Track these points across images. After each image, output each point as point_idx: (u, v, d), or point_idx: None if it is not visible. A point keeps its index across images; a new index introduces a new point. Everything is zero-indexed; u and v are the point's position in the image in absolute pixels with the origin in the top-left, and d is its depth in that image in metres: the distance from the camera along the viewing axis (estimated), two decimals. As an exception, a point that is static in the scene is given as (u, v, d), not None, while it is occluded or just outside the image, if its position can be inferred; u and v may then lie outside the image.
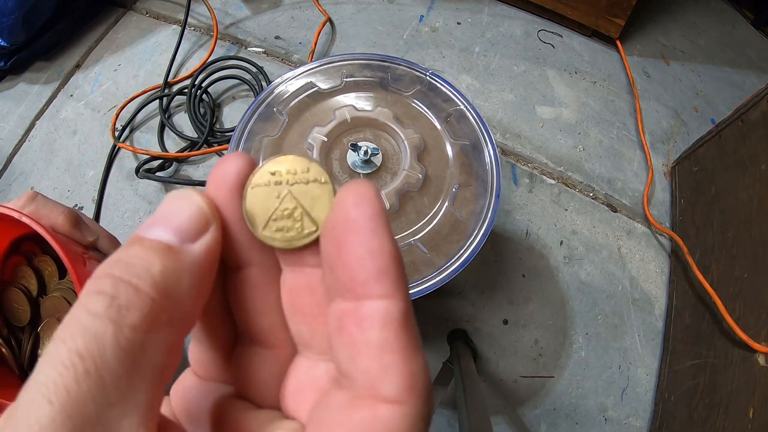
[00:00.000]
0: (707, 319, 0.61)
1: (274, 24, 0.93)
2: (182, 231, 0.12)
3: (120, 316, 0.10)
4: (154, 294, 0.10)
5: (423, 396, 0.11)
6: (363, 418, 0.11)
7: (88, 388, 0.09)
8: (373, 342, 0.11)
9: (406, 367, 0.11)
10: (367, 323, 0.11)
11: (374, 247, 0.11)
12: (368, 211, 0.11)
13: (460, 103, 0.51)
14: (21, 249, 0.42)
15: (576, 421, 0.66)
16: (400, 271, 0.12)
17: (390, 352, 0.11)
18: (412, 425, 0.11)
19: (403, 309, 0.12)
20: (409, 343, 0.11)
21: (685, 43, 1.00)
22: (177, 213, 0.12)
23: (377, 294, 0.11)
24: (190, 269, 0.11)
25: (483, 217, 0.45)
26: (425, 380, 0.12)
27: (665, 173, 0.84)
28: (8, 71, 0.84)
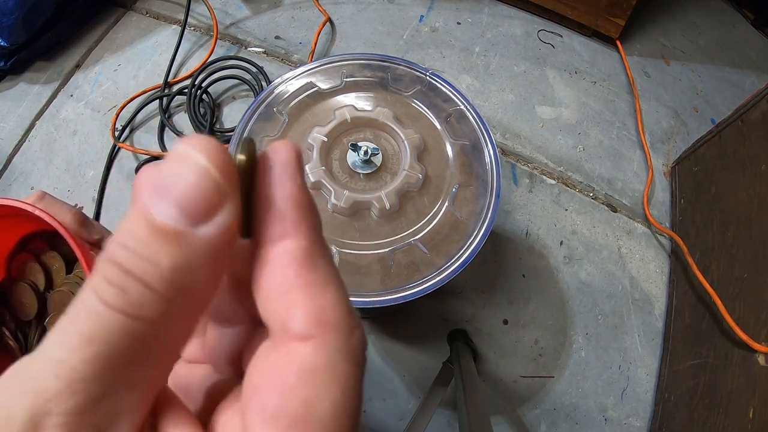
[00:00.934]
0: (707, 319, 0.61)
1: (274, 24, 0.93)
2: (192, 210, 0.10)
3: (131, 310, 0.09)
4: (164, 291, 0.10)
5: (338, 329, 0.11)
6: (279, 360, 0.11)
7: (95, 370, 0.09)
8: (277, 283, 0.11)
9: (311, 302, 0.11)
10: (270, 265, 0.11)
11: (273, 193, 0.12)
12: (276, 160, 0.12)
13: (460, 103, 0.51)
14: (29, 246, 0.43)
15: (576, 421, 0.66)
16: (303, 211, 0.12)
17: (294, 290, 0.11)
18: (329, 360, 0.11)
19: (304, 246, 0.12)
20: (315, 279, 0.11)
21: (685, 43, 1.00)
22: (185, 183, 0.10)
23: (277, 236, 0.12)
24: (204, 259, 0.10)
25: (483, 217, 0.45)
26: (338, 313, 0.11)
27: (665, 173, 0.84)
28: (8, 71, 0.84)
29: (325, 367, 0.11)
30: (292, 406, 0.10)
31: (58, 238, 0.33)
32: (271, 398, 0.11)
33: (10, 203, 0.33)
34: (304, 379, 0.11)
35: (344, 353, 0.11)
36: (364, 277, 0.43)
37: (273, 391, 0.11)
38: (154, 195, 0.10)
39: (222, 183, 0.10)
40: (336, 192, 0.44)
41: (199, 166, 0.10)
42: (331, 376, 0.11)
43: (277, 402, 0.10)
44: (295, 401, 0.10)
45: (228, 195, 0.10)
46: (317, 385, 0.11)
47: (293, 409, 0.10)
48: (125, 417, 0.10)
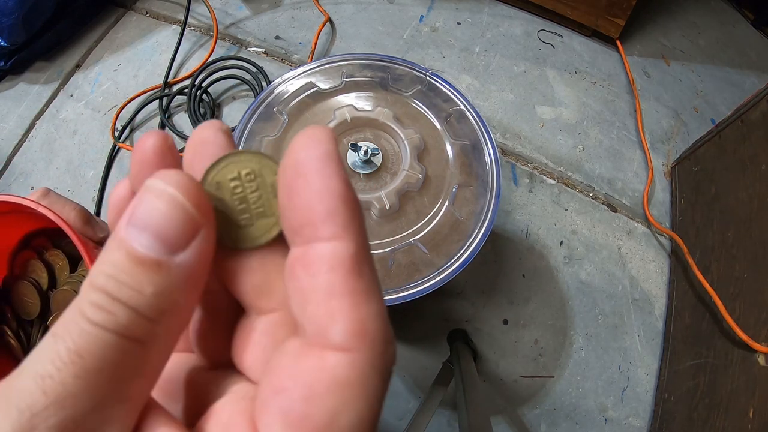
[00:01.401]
0: (707, 319, 0.61)
1: (274, 24, 0.93)
2: (169, 240, 0.11)
3: (121, 330, 0.10)
4: (150, 314, 0.10)
5: (375, 344, 0.11)
6: (311, 366, 0.11)
7: (84, 386, 0.10)
8: (320, 286, 0.11)
9: (355, 312, 0.11)
10: (314, 267, 0.11)
11: (321, 188, 0.11)
12: (316, 152, 0.11)
13: (460, 103, 0.51)
14: (32, 244, 0.43)
15: (576, 421, 0.66)
16: (352, 212, 0.11)
17: (338, 296, 0.11)
18: (361, 374, 0.11)
19: (354, 251, 0.11)
20: (360, 287, 0.11)
21: (685, 43, 1.00)
22: (159, 217, 0.11)
23: (325, 236, 0.11)
24: (184, 282, 0.11)
25: (483, 217, 0.45)
26: (378, 328, 0.11)
27: (665, 173, 0.84)
28: (8, 71, 0.84)
29: (358, 382, 0.11)
30: (318, 414, 0.10)
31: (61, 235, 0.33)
32: (297, 403, 0.10)
33: (13, 200, 0.33)
34: (334, 390, 0.10)
35: (377, 368, 0.11)
36: (364, 277, 0.43)
37: (300, 396, 0.10)
38: (131, 227, 0.11)
39: (194, 213, 0.11)
40: (336, 192, 0.44)
41: (172, 198, 0.11)
42: (362, 390, 0.11)
43: (303, 408, 0.10)
44: (322, 410, 0.10)
45: (201, 223, 0.11)
46: (346, 398, 0.10)
47: (318, 417, 0.10)
48: (112, 430, 0.10)
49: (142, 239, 0.10)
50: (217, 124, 0.13)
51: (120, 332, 0.10)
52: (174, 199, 0.11)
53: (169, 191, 0.11)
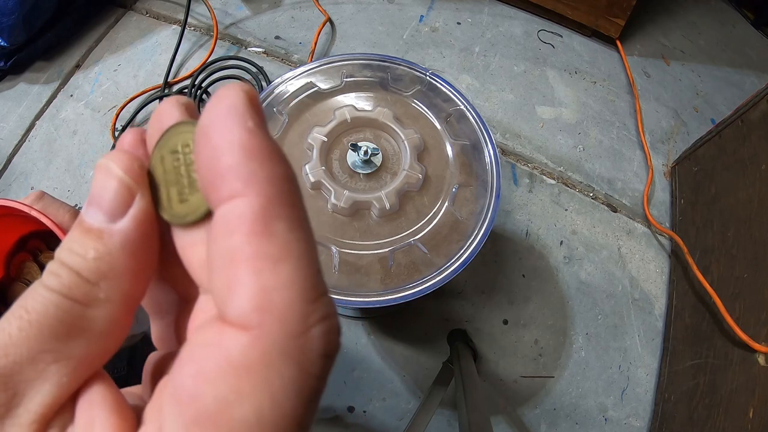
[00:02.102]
0: (707, 319, 0.61)
1: (274, 24, 0.93)
2: (109, 210, 0.11)
3: (63, 290, 0.11)
4: (90, 277, 0.11)
5: (285, 321, 0.09)
6: (207, 342, 0.09)
7: (25, 337, 0.11)
8: (222, 252, 0.09)
9: (256, 281, 0.09)
10: (217, 230, 0.10)
11: (220, 143, 0.10)
12: (218, 109, 0.10)
13: (460, 103, 0.51)
14: (27, 246, 0.43)
15: (576, 421, 0.66)
16: (258, 163, 0.10)
17: (238, 262, 0.09)
18: (263, 359, 0.09)
19: (258, 207, 0.09)
20: (268, 251, 0.09)
21: (685, 43, 1.00)
22: (102, 190, 0.12)
23: (225, 195, 0.10)
24: (121, 248, 0.11)
25: (483, 217, 0.45)
26: (290, 300, 0.09)
27: (665, 173, 0.84)
28: (8, 71, 0.84)
29: (256, 367, 0.09)
30: (205, 399, 0.09)
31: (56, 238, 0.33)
32: (185, 382, 0.09)
33: (6, 203, 0.33)
34: (227, 374, 0.09)
35: (288, 354, 0.09)
36: (364, 277, 0.43)
37: (189, 375, 0.09)
38: (87, 204, 0.12)
39: (128, 182, 0.12)
40: (336, 192, 0.44)
41: (110, 172, 0.12)
42: (261, 379, 0.09)
43: (191, 389, 0.09)
44: (210, 396, 0.09)
45: (134, 191, 0.12)
46: (241, 386, 0.09)
47: (207, 402, 0.09)
48: (47, 388, 0.11)
49: (90, 212, 0.12)
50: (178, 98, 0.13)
51: (62, 293, 0.11)
52: (110, 170, 0.12)
53: (105, 164, 0.12)
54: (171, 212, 0.12)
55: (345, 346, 0.67)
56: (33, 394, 0.11)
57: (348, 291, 0.42)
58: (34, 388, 0.11)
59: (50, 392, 0.11)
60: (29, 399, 0.11)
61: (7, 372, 0.10)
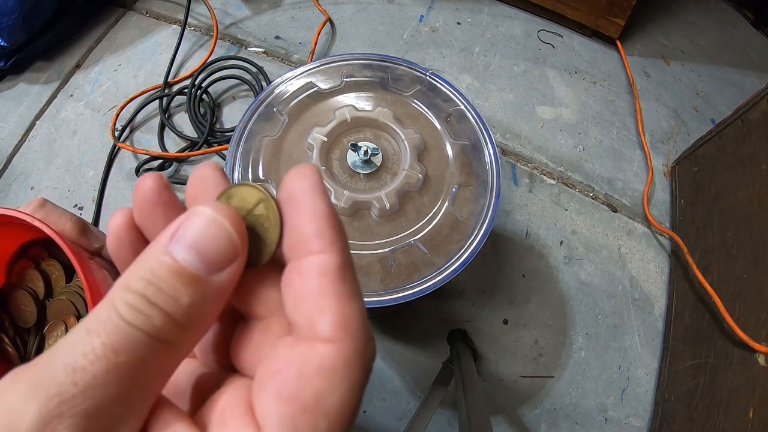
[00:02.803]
0: (707, 319, 0.61)
1: (274, 24, 0.93)
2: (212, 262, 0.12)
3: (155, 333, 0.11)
4: (183, 322, 0.12)
5: (357, 337, 0.13)
6: (302, 352, 0.12)
7: (114, 380, 0.11)
8: (311, 288, 0.13)
9: (340, 309, 0.13)
10: (307, 273, 0.13)
11: (311, 213, 0.13)
12: (305, 184, 0.14)
13: (460, 103, 0.51)
14: (29, 253, 0.43)
15: (576, 421, 0.66)
16: (337, 231, 0.13)
17: (326, 296, 0.13)
18: (345, 362, 0.12)
19: (339, 261, 0.13)
20: (345, 290, 0.13)
21: (685, 43, 1.00)
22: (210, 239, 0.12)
23: (315, 250, 0.13)
24: (215, 299, 0.13)
25: (483, 217, 0.45)
26: (360, 324, 0.13)
27: (665, 173, 0.84)
28: (8, 71, 0.84)
29: (341, 368, 0.12)
30: (306, 393, 0.12)
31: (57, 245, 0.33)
32: (289, 383, 0.12)
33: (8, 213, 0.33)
34: (321, 374, 0.12)
35: (358, 359, 0.13)
36: (364, 277, 0.43)
37: (292, 377, 0.12)
38: (176, 243, 0.12)
39: (237, 241, 0.13)
40: (336, 192, 0.44)
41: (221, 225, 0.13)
42: (344, 376, 0.12)
43: (294, 387, 0.12)
44: (310, 390, 0.12)
45: (240, 251, 0.13)
46: (331, 382, 0.12)
47: (306, 396, 0.12)
48: (131, 421, 0.12)
49: (185, 254, 0.12)
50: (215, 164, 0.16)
51: (153, 334, 0.11)
52: (222, 226, 0.13)
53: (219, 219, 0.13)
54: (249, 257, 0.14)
55: (345, 346, 0.67)
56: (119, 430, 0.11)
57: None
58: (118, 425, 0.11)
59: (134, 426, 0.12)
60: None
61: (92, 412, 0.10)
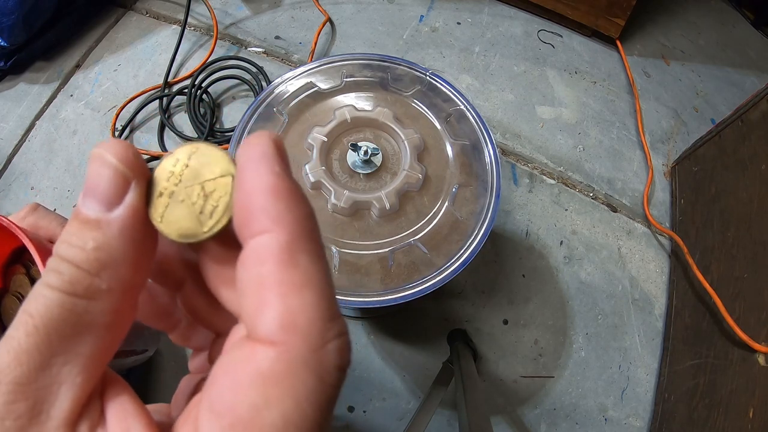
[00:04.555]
0: (707, 319, 0.61)
1: (274, 24, 0.93)
2: (105, 199, 0.12)
3: (65, 287, 0.11)
4: (89, 268, 0.11)
5: (308, 338, 0.10)
6: (240, 358, 0.11)
7: (34, 343, 0.11)
8: (252, 278, 0.11)
9: (282, 303, 0.11)
10: (248, 260, 0.11)
11: (253, 187, 0.11)
12: (252, 153, 0.12)
13: (460, 103, 0.51)
14: (22, 259, 0.43)
15: (576, 421, 0.66)
16: (286, 204, 0.11)
17: (267, 287, 0.11)
18: (288, 371, 0.10)
19: (285, 241, 0.11)
20: (293, 279, 0.11)
21: (685, 43, 1.00)
22: (97, 179, 0.12)
23: (257, 230, 0.11)
24: (119, 235, 0.12)
25: (483, 217, 0.45)
26: (312, 320, 0.11)
27: (665, 173, 0.84)
28: (8, 71, 0.84)
29: (282, 377, 0.10)
30: (240, 407, 0.10)
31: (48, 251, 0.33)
32: (223, 394, 0.11)
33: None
34: (258, 384, 0.10)
35: (309, 366, 0.10)
36: (364, 277, 0.43)
37: (227, 387, 0.11)
38: (82, 196, 0.12)
39: (122, 169, 0.12)
40: (336, 192, 0.44)
41: (104, 160, 0.12)
42: (287, 387, 0.10)
43: (227, 400, 0.10)
44: (244, 404, 0.10)
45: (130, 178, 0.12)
46: (269, 394, 0.10)
47: (242, 410, 0.10)
48: (64, 390, 0.11)
49: (87, 203, 0.12)
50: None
51: (63, 289, 0.11)
52: (104, 159, 0.12)
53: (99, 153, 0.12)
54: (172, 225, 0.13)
55: (345, 346, 0.67)
56: (52, 399, 0.11)
57: (348, 291, 0.42)
58: (52, 393, 0.11)
59: (69, 396, 0.11)
60: (50, 405, 0.11)
61: (24, 381, 0.10)
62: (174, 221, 0.13)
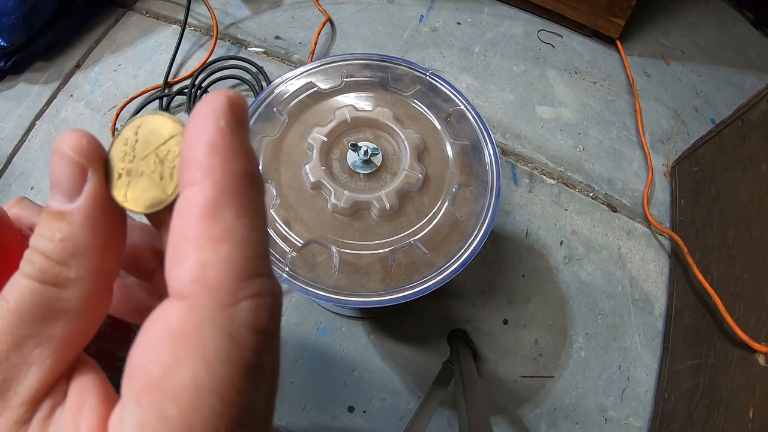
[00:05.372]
0: (707, 319, 0.61)
1: (274, 24, 0.93)
2: (66, 190, 0.12)
3: (36, 275, 0.12)
4: (58, 258, 0.12)
5: (217, 294, 0.10)
6: (154, 315, 0.11)
7: (7, 325, 0.11)
8: (174, 231, 0.11)
9: (196, 256, 0.10)
10: (175, 214, 0.11)
11: (192, 140, 0.11)
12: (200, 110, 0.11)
13: (460, 103, 0.51)
14: None
15: (576, 421, 0.66)
16: (219, 159, 0.11)
17: (185, 240, 0.10)
18: (196, 327, 0.10)
19: (210, 195, 0.11)
20: (212, 232, 0.10)
21: (685, 43, 1.00)
22: (58, 172, 0.12)
23: (188, 183, 0.11)
24: (82, 224, 0.12)
25: (483, 217, 0.45)
26: (223, 276, 0.10)
27: (665, 173, 0.84)
28: (8, 71, 0.84)
29: (191, 334, 0.10)
30: (151, 367, 0.10)
31: None
32: (135, 355, 0.10)
33: None
34: (166, 341, 0.10)
35: (217, 323, 0.10)
36: (364, 277, 0.43)
37: (139, 348, 0.10)
38: (51, 189, 0.12)
39: (80, 161, 0.12)
40: (336, 192, 0.44)
41: (61, 153, 0.12)
42: (196, 345, 0.10)
43: (140, 360, 0.10)
44: (154, 363, 0.10)
45: (87, 169, 0.12)
46: (178, 352, 0.10)
47: (152, 370, 0.10)
48: (33, 371, 0.12)
49: (54, 195, 0.12)
50: None
51: (35, 277, 0.12)
52: (61, 152, 0.12)
53: (57, 146, 0.12)
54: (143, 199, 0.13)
55: (345, 346, 0.67)
56: (21, 378, 0.11)
57: (348, 291, 0.42)
58: (21, 372, 0.11)
59: (37, 375, 0.12)
60: (18, 382, 0.11)
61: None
62: (138, 196, 0.13)
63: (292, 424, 0.63)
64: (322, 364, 0.66)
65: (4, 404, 0.11)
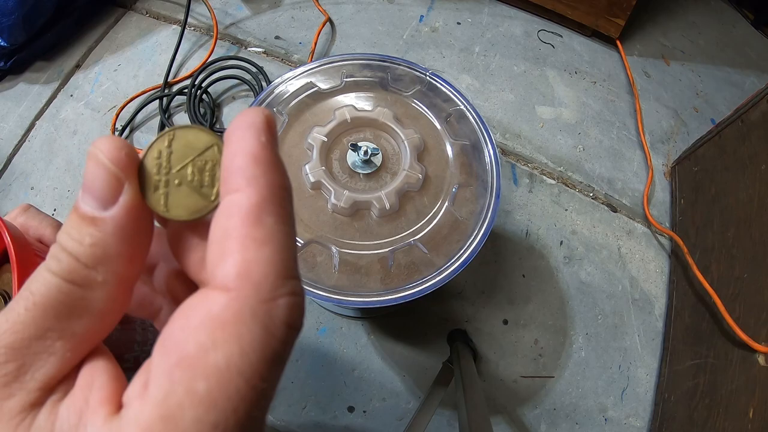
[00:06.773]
0: (707, 319, 0.61)
1: (274, 24, 0.93)
2: (101, 198, 0.12)
3: (64, 274, 0.12)
4: (86, 260, 0.12)
5: (259, 289, 0.11)
6: (195, 301, 0.12)
7: (31, 317, 0.12)
8: (219, 230, 0.12)
9: (241, 254, 0.11)
10: (219, 214, 0.12)
11: (235, 150, 0.12)
12: (239, 122, 0.13)
13: (460, 103, 0.51)
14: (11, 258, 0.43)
15: (576, 421, 0.66)
16: (263, 168, 0.12)
17: (230, 240, 0.12)
18: (237, 316, 0.11)
19: (255, 200, 0.12)
20: (256, 234, 0.11)
21: (685, 43, 1.00)
22: (93, 179, 0.12)
23: (232, 189, 0.12)
24: (114, 233, 0.12)
25: (483, 217, 0.45)
26: (266, 274, 0.11)
27: (665, 173, 0.84)
28: (8, 71, 0.84)
29: (230, 321, 0.11)
30: (188, 345, 0.11)
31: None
32: (173, 333, 0.11)
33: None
34: (206, 325, 0.11)
35: (257, 316, 0.11)
36: (364, 277, 0.43)
37: (177, 327, 0.11)
38: (81, 191, 0.13)
39: (118, 173, 0.12)
40: (336, 192, 0.44)
41: (99, 162, 0.12)
42: (234, 332, 0.11)
43: (178, 338, 0.11)
44: (192, 343, 0.11)
45: (123, 182, 0.13)
46: (216, 336, 0.11)
47: (188, 348, 0.11)
48: (52, 360, 0.12)
49: (85, 199, 0.12)
50: None
51: (62, 276, 0.12)
52: (98, 160, 0.12)
53: (94, 152, 0.12)
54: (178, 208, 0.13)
55: (345, 346, 0.67)
56: (39, 365, 0.12)
57: (348, 291, 0.42)
58: (40, 360, 0.12)
59: (54, 364, 0.12)
60: (36, 369, 0.12)
61: (16, 345, 0.12)
62: (180, 205, 0.13)
63: (291, 423, 0.63)
64: (322, 364, 0.66)
65: (20, 386, 0.12)
